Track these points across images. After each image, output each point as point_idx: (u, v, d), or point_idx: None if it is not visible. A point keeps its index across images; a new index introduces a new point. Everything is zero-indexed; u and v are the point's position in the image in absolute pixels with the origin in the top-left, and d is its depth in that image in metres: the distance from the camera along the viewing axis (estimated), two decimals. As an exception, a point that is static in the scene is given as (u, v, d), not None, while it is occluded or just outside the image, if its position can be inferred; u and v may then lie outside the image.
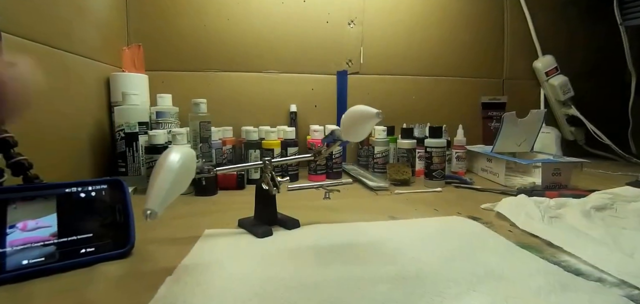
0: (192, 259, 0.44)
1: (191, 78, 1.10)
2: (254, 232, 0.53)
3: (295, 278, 0.39)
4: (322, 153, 0.56)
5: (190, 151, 0.41)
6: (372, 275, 0.40)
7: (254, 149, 0.93)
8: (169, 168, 0.36)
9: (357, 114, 0.46)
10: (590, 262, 0.43)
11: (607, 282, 0.39)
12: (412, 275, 0.40)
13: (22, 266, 0.40)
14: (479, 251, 0.47)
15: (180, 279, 0.39)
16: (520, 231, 0.56)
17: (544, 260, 0.44)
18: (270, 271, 0.41)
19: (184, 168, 0.38)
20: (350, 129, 0.48)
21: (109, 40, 0.97)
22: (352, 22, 1.16)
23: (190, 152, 0.40)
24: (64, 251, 0.42)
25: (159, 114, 0.92)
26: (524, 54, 1.29)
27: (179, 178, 0.37)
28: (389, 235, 0.53)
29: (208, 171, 0.52)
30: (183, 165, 0.38)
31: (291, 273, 0.41)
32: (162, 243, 0.50)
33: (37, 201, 0.43)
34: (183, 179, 0.38)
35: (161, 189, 0.35)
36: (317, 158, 0.59)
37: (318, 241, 0.51)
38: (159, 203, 0.34)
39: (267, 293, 0.36)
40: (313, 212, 0.65)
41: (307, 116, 1.14)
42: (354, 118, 0.47)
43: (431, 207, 0.70)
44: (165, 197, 0.35)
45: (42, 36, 0.68)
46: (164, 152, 0.39)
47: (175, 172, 0.36)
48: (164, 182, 0.35)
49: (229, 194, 0.82)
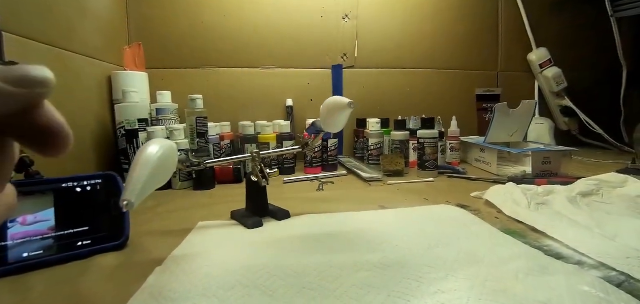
0: (182, 250, 0.46)
1: (190, 75, 1.12)
2: (244, 223, 0.55)
3: (279, 266, 0.41)
4: (309, 144, 0.57)
5: (170, 143, 0.41)
6: (354, 262, 0.41)
7: (250, 144, 0.94)
8: (147, 160, 0.37)
9: (331, 104, 0.48)
10: (572, 246, 0.45)
11: (586, 265, 0.40)
12: (393, 262, 0.41)
13: (23, 258, 0.42)
14: (463, 238, 0.48)
15: (168, 269, 0.40)
16: (507, 217, 0.57)
17: (526, 245, 0.45)
18: (256, 260, 0.42)
19: (163, 160, 0.39)
20: (327, 120, 0.50)
21: (110, 40, 0.99)
22: (347, 17, 1.17)
23: (171, 145, 0.41)
24: (62, 244, 0.44)
25: (159, 111, 0.93)
26: (519, 46, 1.30)
27: (157, 170, 0.37)
28: (375, 224, 0.54)
29: (198, 164, 0.53)
30: (161, 157, 0.38)
31: (276, 262, 0.42)
32: (156, 234, 0.52)
33: (35, 196, 0.44)
34: (162, 171, 0.39)
35: (138, 181, 0.35)
36: (305, 149, 0.60)
37: (305, 231, 0.52)
38: (136, 194, 0.35)
39: (250, 281, 0.37)
40: (305, 204, 0.66)
41: (304, 110, 1.16)
42: (329, 109, 0.49)
43: (422, 196, 0.72)
44: (143, 188, 0.35)
45: (45, 36, 0.69)
46: (144, 145, 0.39)
47: (152, 164, 0.37)
48: (141, 174, 0.36)
49: (226, 187, 0.83)
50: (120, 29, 1.05)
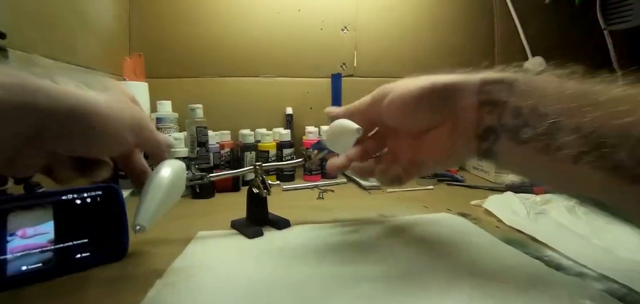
0: (182, 262, 0.46)
1: (190, 84, 1.12)
2: (244, 233, 0.55)
3: (279, 276, 0.41)
4: (312, 158, 0.58)
5: (180, 164, 0.42)
6: (356, 274, 0.41)
7: (250, 152, 0.94)
8: (158, 184, 0.38)
9: (338, 128, 0.48)
10: (572, 257, 0.44)
11: (587, 276, 0.40)
12: (396, 274, 0.41)
13: (22, 272, 0.41)
14: (465, 248, 0.48)
15: (168, 281, 0.40)
16: (506, 226, 0.57)
17: (527, 255, 0.45)
18: (257, 273, 0.42)
19: (174, 181, 0.40)
20: (333, 141, 0.50)
21: (111, 51, 0.99)
22: (346, 28, 1.18)
23: (180, 165, 0.42)
24: (61, 257, 0.44)
25: (159, 120, 0.93)
26: (514, 56, 1.30)
27: (167, 194, 0.38)
28: (376, 234, 0.54)
29: (200, 178, 0.53)
30: (173, 180, 0.39)
31: (276, 272, 0.42)
32: (156, 245, 0.52)
33: (35, 208, 0.44)
34: (173, 193, 0.40)
35: (150, 204, 0.36)
36: (307, 162, 0.60)
37: (306, 241, 0.52)
38: (148, 219, 0.36)
39: (252, 295, 0.37)
40: (305, 212, 0.66)
41: (303, 118, 1.16)
42: (335, 133, 0.49)
43: (421, 204, 0.72)
44: (155, 212, 0.36)
45: (47, 50, 0.69)
46: (155, 169, 0.41)
47: (164, 188, 0.38)
48: (154, 198, 0.37)
49: (225, 196, 0.83)
50: (121, 40, 1.06)
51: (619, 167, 0.29)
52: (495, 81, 0.38)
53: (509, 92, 0.36)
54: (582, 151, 0.31)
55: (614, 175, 0.30)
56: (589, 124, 0.30)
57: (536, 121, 0.34)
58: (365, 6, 1.19)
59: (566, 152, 0.32)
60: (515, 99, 0.36)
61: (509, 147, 0.36)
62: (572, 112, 0.32)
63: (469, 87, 0.39)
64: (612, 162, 0.29)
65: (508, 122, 0.36)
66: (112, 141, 0.35)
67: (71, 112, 0.30)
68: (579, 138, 0.31)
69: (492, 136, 0.38)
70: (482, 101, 0.38)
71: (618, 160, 0.29)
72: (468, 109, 0.39)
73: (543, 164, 0.34)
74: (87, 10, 0.86)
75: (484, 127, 0.38)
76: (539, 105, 0.34)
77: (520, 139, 0.35)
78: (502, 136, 0.37)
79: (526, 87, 0.36)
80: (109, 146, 0.36)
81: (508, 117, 0.36)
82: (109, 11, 0.98)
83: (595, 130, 0.30)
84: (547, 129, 0.33)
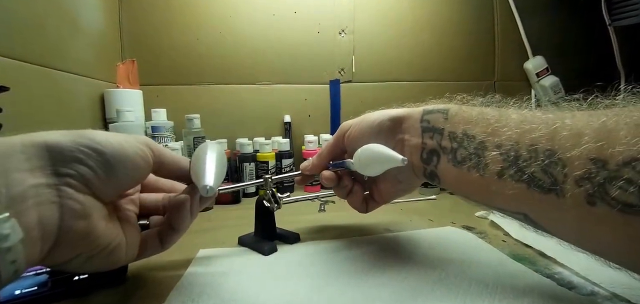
0: (183, 285, 0.44)
1: (185, 92, 1.10)
2: (259, 249, 0.53)
3: (292, 294, 0.39)
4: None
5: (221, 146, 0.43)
6: (367, 293, 0.40)
7: (249, 162, 0.92)
8: (213, 151, 0.38)
9: (377, 155, 0.45)
10: (582, 274, 0.44)
11: (599, 295, 0.39)
12: (405, 295, 0.40)
13: (15, 295, 0.39)
14: (473, 266, 0.47)
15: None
16: (513, 241, 0.56)
17: (538, 274, 0.44)
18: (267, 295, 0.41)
19: (221, 152, 0.40)
20: (366, 166, 0.47)
21: (102, 56, 0.97)
22: (343, 32, 1.17)
23: (220, 144, 0.42)
24: (56, 280, 0.42)
25: (154, 129, 0.92)
26: (515, 55, 1.30)
27: (221, 160, 0.38)
28: (384, 250, 0.53)
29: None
30: (220, 149, 0.40)
31: (291, 290, 0.41)
32: (155, 266, 0.50)
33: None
34: (223, 163, 0.40)
35: (211, 166, 0.36)
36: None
37: (316, 258, 0.51)
38: (214, 179, 0.35)
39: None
40: (308, 226, 0.65)
41: (301, 125, 1.15)
42: (372, 158, 0.46)
43: (426, 217, 0.71)
44: (217, 175, 0.36)
45: (37, 57, 0.67)
46: (198, 147, 0.41)
47: (216, 153, 0.38)
48: (211, 160, 0.36)
49: (223, 209, 0.81)
50: (113, 45, 1.03)
51: (533, 179, 0.33)
52: (434, 111, 0.45)
53: (445, 120, 0.44)
54: (503, 166, 0.36)
55: (530, 186, 0.34)
56: (506, 142, 0.36)
57: (468, 142, 0.40)
58: (363, 7, 1.18)
59: (492, 168, 0.37)
60: (450, 125, 0.43)
61: (448, 169, 0.43)
62: (493, 132, 0.38)
63: (414, 116, 0.47)
64: (528, 174, 0.34)
65: (446, 146, 0.43)
66: (129, 161, 0.34)
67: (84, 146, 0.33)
68: (500, 154, 0.36)
69: (434, 158, 0.45)
70: (424, 128, 0.45)
71: (531, 172, 0.33)
72: (413, 134, 0.47)
73: (475, 180, 0.39)
74: (76, 14, 0.84)
75: (428, 150, 0.45)
76: (468, 129, 0.40)
77: (457, 160, 0.41)
78: (442, 158, 0.44)
79: (456, 115, 0.43)
80: (131, 164, 0.35)
81: (446, 141, 0.43)
82: (99, 15, 0.96)
83: (512, 146, 0.35)
84: (476, 149, 0.39)
